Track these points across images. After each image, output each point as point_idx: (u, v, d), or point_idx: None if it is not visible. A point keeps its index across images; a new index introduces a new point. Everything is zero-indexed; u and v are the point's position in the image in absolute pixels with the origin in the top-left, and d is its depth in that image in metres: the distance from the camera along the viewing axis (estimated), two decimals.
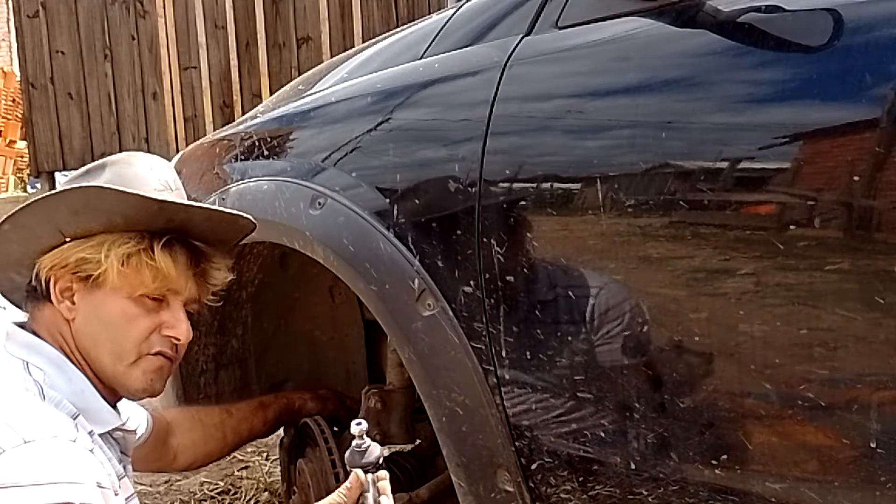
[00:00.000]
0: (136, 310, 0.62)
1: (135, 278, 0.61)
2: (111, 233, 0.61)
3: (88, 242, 0.60)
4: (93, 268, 0.60)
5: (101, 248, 0.60)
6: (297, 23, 3.18)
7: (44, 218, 0.60)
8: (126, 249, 0.60)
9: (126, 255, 0.60)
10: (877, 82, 0.42)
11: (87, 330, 0.62)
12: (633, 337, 0.51)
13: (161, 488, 1.29)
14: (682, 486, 0.49)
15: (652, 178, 0.49)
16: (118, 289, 0.61)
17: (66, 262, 0.60)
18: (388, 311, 0.63)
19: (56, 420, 0.56)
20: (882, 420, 0.42)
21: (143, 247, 0.61)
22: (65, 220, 0.60)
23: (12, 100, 5.37)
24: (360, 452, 0.64)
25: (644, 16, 0.53)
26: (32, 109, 3.64)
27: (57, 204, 0.59)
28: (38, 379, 0.58)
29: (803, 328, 0.44)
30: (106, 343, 0.62)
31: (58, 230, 0.60)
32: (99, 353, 0.62)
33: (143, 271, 0.61)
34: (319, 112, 0.75)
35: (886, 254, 0.41)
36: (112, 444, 0.64)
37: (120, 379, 0.63)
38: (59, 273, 0.61)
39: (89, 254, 0.60)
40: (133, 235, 0.61)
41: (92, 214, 0.60)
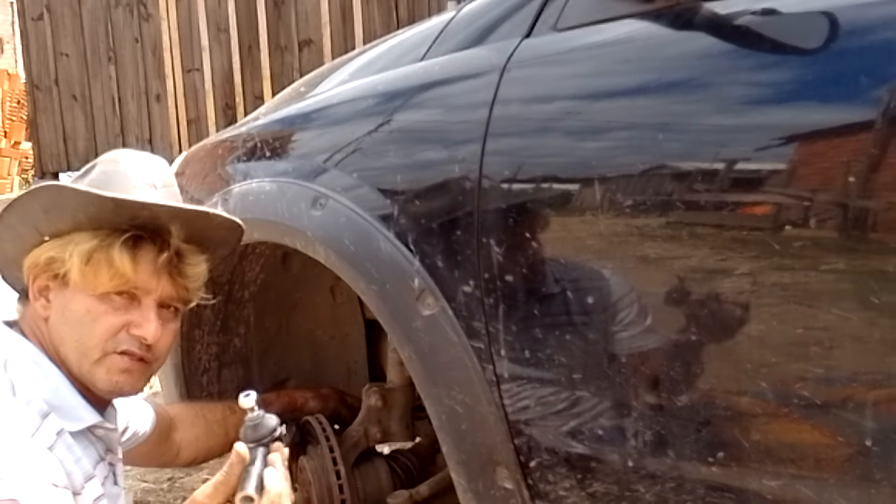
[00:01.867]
0: (101, 307, 0.61)
1: (94, 277, 0.60)
2: (81, 231, 0.61)
3: (59, 242, 0.61)
4: (59, 266, 0.61)
5: (67, 247, 0.61)
6: (298, 26, 3.19)
7: (23, 218, 0.61)
8: (87, 248, 0.60)
9: (87, 254, 0.60)
10: (873, 84, 0.42)
11: (57, 328, 0.62)
12: (631, 336, 0.51)
13: (164, 485, 1.30)
14: (679, 484, 0.49)
15: (650, 179, 0.49)
16: (82, 287, 0.61)
17: (38, 262, 0.62)
18: (388, 311, 0.63)
19: (17, 417, 0.55)
20: (877, 418, 0.42)
21: (104, 245, 0.60)
22: (39, 219, 0.61)
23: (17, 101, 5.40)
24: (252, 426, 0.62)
25: (642, 18, 0.53)
26: (37, 111, 3.67)
27: (31, 203, 0.61)
28: (13, 376, 0.58)
29: (799, 327, 0.44)
30: (71, 341, 0.61)
31: (36, 230, 0.61)
32: (67, 351, 0.62)
33: (101, 269, 0.60)
34: (321, 114, 0.76)
35: (882, 254, 0.42)
36: (93, 441, 0.63)
37: (87, 377, 0.62)
38: (36, 272, 0.62)
39: (56, 252, 0.61)
40: (99, 234, 0.61)
41: (59, 213, 0.60)
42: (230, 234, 0.69)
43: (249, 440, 0.62)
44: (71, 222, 0.61)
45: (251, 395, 0.63)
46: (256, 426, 0.62)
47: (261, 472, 0.61)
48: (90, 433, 0.63)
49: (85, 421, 0.62)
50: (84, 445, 0.61)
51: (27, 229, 0.62)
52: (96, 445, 0.64)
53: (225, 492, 0.60)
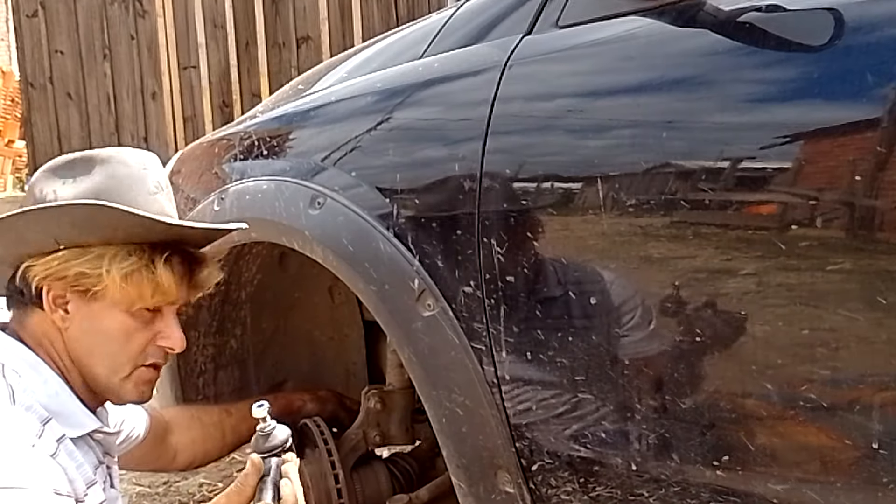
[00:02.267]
0: (134, 324, 0.62)
1: (135, 293, 0.60)
2: (108, 245, 0.60)
3: (86, 255, 0.59)
4: (92, 282, 0.59)
5: (100, 263, 0.59)
6: (296, 23, 3.18)
7: (39, 227, 0.59)
8: (128, 266, 0.60)
9: (128, 272, 0.60)
10: (878, 82, 0.41)
11: (83, 341, 0.61)
12: (635, 337, 0.50)
13: (160, 489, 1.29)
14: (683, 488, 0.49)
15: (653, 178, 0.49)
16: (117, 303, 0.60)
17: (64, 275, 0.59)
18: (387, 312, 0.63)
19: (18, 424, 0.55)
20: (884, 421, 0.41)
21: (144, 263, 0.60)
22: (62, 232, 0.59)
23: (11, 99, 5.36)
24: (264, 436, 0.62)
25: (644, 15, 0.53)
26: (31, 109, 3.64)
27: (58, 216, 0.58)
28: (12, 382, 0.57)
29: (805, 328, 0.44)
30: (103, 356, 0.61)
31: (53, 239, 0.59)
32: (93, 365, 0.62)
33: (143, 287, 0.60)
34: (319, 112, 0.75)
35: (888, 254, 0.41)
36: (91, 446, 0.63)
37: (113, 390, 0.63)
38: (54, 283, 0.60)
39: (88, 268, 0.59)
40: (133, 249, 0.60)
41: (92, 228, 0.59)
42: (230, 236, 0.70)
43: (262, 450, 0.62)
44: (105, 238, 0.60)
45: (264, 405, 0.63)
46: (269, 436, 0.63)
47: (277, 481, 0.61)
48: (89, 438, 0.62)
49: (86, 427, 0.62)
50: (84, 451, 0.61)
51: (39, 237, 0.59)
52: (95, 450, 0.63)
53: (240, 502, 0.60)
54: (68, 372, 0.62)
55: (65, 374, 0.61)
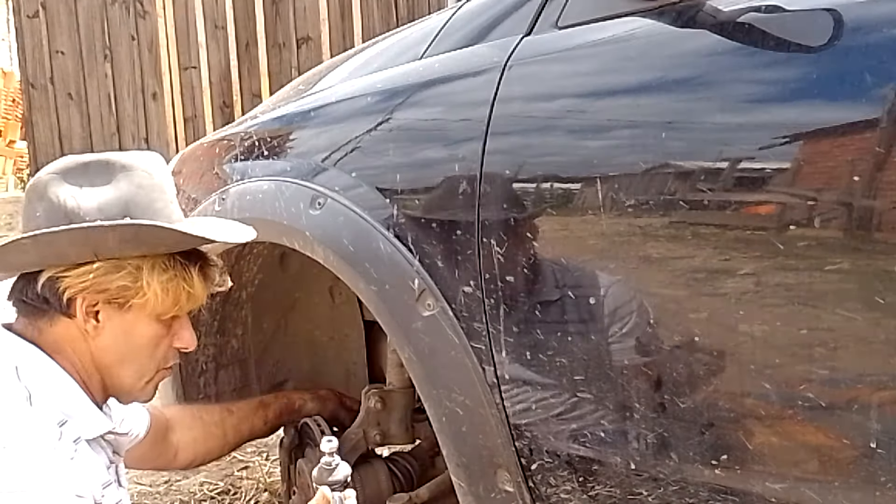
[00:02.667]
0: (162, 331, 0.64)
1: (171, 303, 0.62)
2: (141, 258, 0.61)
3: (124, 268, 0.60)
4: (132, 294, 0.61)
5: (139, 276, 0.60)
6: (297, 23, 3.18)
7: (80, 241, 0.59)
8: (168, 278, 0.61)
9: (167, 283, 0.61)
10: (877, 83, 0.42)
11: (113, 349, 0.62)
12: (634, 337, 0.50)
13: (161, 488, 1.29)
14: (682, 487, 0.49)
15: (652, 178, 0.49)
16: (151, 313, 0.62)
17: (105, 288, 0.60)
18: (388, 312, 0.63)
19: (38, 427, 0.56)
20: (882, 420, 0.41)
21: (182, 275, 0.62)
22: (106, 247, 0.59)
23: (12, 100, 5.36)
24: (329, 470, 0.65)
25: (644, 16, 0.53)
26: (32, 109, 3.64)
27: (103, 234, 0.59)
28: (28, 385, 0.58)
29: (803, 328, 0.44)
30: (133, 363, 0.63)
31: (93, 253, 0.60)
32: (122, 372, 0.63)
33: (180, 296, 0.62)
34: (319, 112, 0.75)
35: (886, 254, 0.41)
36: (103, 446, 0.64)
37: (135, 394, 0.65)
38: (90, 296, 0.60)
39: (129, 282, 0.60)
40: (167, 261, 0.62)
41: (137, 244, 0.60)
42: None
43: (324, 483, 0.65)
44: (145, 252, 0.61)
45: (333, 441, 0.66)
46: (334, 471, 0.65)
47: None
48: (100, 438, 0.63)
49: (100, 428, 0.62)
50: (97, 451, 0.62)
51: (79, 251, 0.59)
52: (106, 450, 0.64)
53: None
54: (88, 376, 0.63)
55: (82, 378, 0.62)
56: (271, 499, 1.24)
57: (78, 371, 0.62)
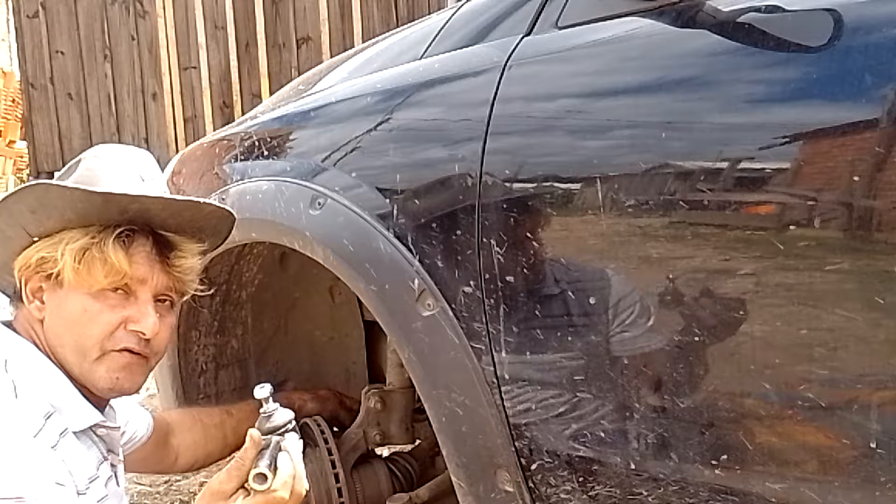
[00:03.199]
0: (96, 305, 0.60)
1: (88, 274, 0.60)
2: (71, 230, 0.60)
3: (50, 241, 0.60)
4: (51, 266, 0.60)
5: (58, 246, 0.60)
6: (296, 23, 3.18)
7: (9, 220, 0.60)
8: (79, 245, 0.59)
9: (80, 251, 0.59)
10: (877, 83, 0.42)
11: (54, 329, 0.61)
12: (633, 337, 0.50)
13: (161, 488, 1.29)
14: (682, 487, 0.49)
15: (652, 178, 0.49)
16: (77, 286, 0.60)
17: (30, 262, 0.61)
18: (388, 312, 0.63)
19: (20, 417, 0.55)
20: (882, 420, 0.41)
21: (95, 241, 0.60)
22: (26, 220, 0.60)
23: (12, 100, 5.36)
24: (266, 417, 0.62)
25: (644, 16, 0.53)
26: (32, 110, 3.64)
27: (15, 204, 0.60)
28: (15, 377, 0.58)
29: (803, 328, 0.44)
30: (70, 341, 0.61)
31: (24, 231, 0.60)
32: (65, 352, 0.61)
33: (95, 266, 0.59)
34: (319, 112, 0.75)
35: (886, 254, 0.41)
36: (95, 441, 0.63)
37: (87, 376, 0.62)
38: (28, 273, 0.61)
39: (47, 252, 0.60)
40: (90, 231, 0.60)
41: (46, 212, 0.60)
42: (221, 222, 0.68)
43: (264, 431, 0.62)
44: (60, 221, 0.60)
45: (266, 386, 0.63)
46: (271, 416, 0.62)
47: (275, 455, 0.60)
48: (92, 433, 0.62)
49: (88, 420, 0.61)
50: (87, 445, 0.61)
51: (15, 231, 0.61)
52: (98, 446, 0.63)
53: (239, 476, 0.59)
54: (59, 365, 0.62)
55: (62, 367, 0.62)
56: None
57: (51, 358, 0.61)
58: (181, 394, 0.93)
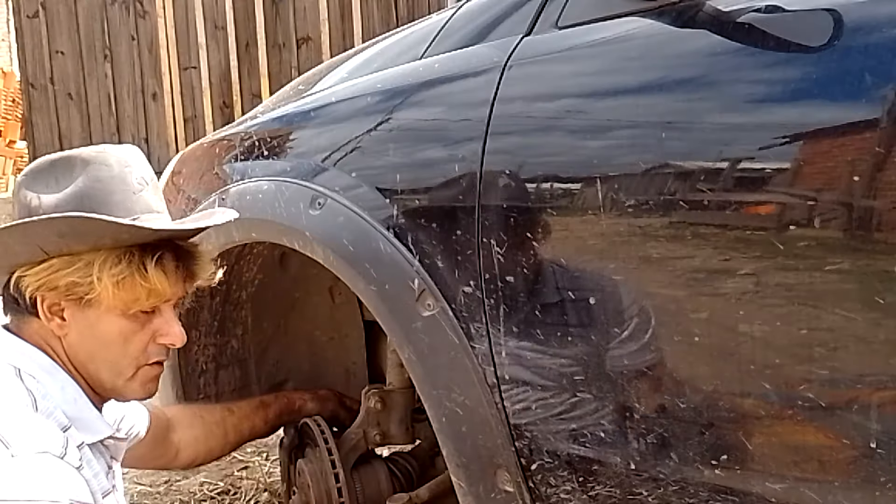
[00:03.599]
0: (131, 326, 0.61)
1: (129, 297, 0.60)
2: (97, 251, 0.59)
3: (75, 264, 0.59)
4: (84, 290, 0.59)
5: (90, 270, 0.58)
6: (296, 23, 3.18)
7: (23, 239, 0.58)
8: (119, 272, 0.59)
9: (120, 278, 0.59)
10: (877, 83, 0.42)
11: (83, 347, 0.61)
12: (634, 337, 0.50)
13: (161, 488, 1.29)
14: (682, 487, 0.49)
15: (652, 179, 0.49)
16: (112, 308, 0.60)
17: (55, 286, 0.59)
18: (388, 312, 0.63)
19: (46, 434, 0.55)
20: (882, 420, 0.41)
21: (135, 267, 0.60)
22: (48, 242, 0.58)
23: (12, 100, 5.36)
24: None
25: (644, 16, 0.53)
26: (32, 110, 3.64)
27: (42, 229, 0.58)
28: (31, 388, 0.57)
29: (803, 328, 0.44)
30: (105, 361, 0.61)
31: (40, 249, 0.59)
32: (97, 370, 0.62)
33: (137, 291, 0.60)
34: (319, 112, 0.75)
35: (886, 254, 0.41)
36: (102, 452, 0.63)
37: (119, 391, 0.64)
38: (48, 294, 0.60)
39: (79, 277, 0.59)
40: (122, 254, 0.60)
41: (78, 238, 0.58)
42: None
43: None
44: (90, 245, 0.59)
45: None
46: None
47: None
48: (99, 443, 0.63)
49: (101, 433, 0.62)
50: (97, 457, 0.61)
51: (27, 248, 0.59)
52: (104, 455, 0.64)
53: None
54: (75, 375, 0.62)
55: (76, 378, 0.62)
56: (271, 499, 1.24)
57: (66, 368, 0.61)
58: (181, 394, 0.93)
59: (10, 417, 0.55)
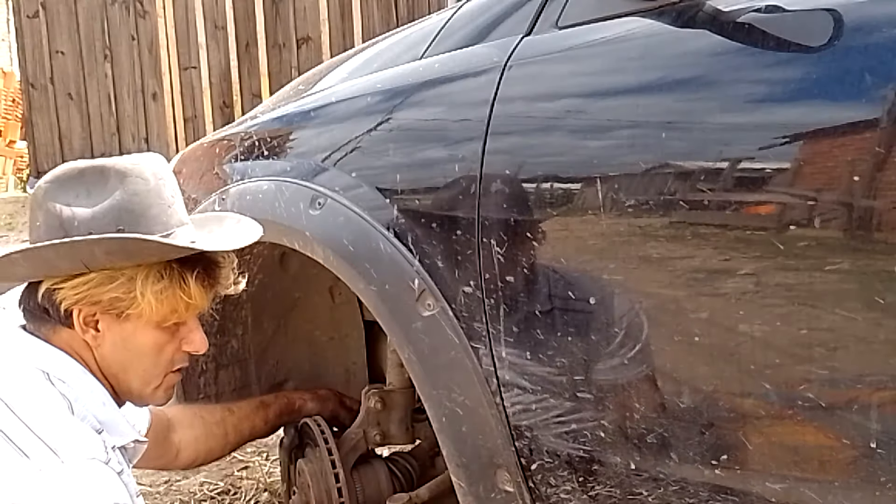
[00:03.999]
0: (164, 337, 0.63)
1: (168, 311, 0.62)
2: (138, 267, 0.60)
3: (117, 279, 0.59)
4: (126, 305, 0.60)
5: (133, 286, 0.60)
6: (296, 23, 3.18)
7: (68, 255, 0.58)
8: (162, 287, 0.61)
9: (161, 292, 0.60)
10: (877, 82, 0.41)
11: (117, 358, 0.62)
12: (633, 337, 0.50)
13: (161, 488, 1.29)
14: (682, 487, 0.49)
15: (652, 179, 0.49)
16: (150, 321, 0.62)
17: (97, 300, 0.60)
18: (388, 312, 0.63)
19: (89, 439, 0.56)
20: (882, 420, 0.41)
21: (177, 283, 0.61)
22: (93, 258, 0.59)
23: (12, 100, 5.36)
24: None
25: (644, 16, 0.53)
26: (32, 110, 3.65)
27: (89, 247, 0.58)
28: (64, 392, 0.58)
29: (803, 328, 0.44)
30: (137, 371, 0.63)
31: (83, 265, 0.59)
32: (128, 379, 0.63)
33: (178, 304, 0.62)
34: (319, 112, 0.75)
35: (886, 254, 0.41)
36: (124, 454, 0.64)
37: (145, 398, 0.65)
38: (87, 307, 0.60)
39: (122, 293, 0.60)
40: (162, 269, 0.61)
41: (126, 255, 0.60)
42: None
43: None
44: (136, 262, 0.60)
45: None
46: None
47: None
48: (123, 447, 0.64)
49: (128, 437, 0.63)
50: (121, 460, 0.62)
51: (70, 263, 0.59)
52: (125, 458, 0.64)
53: None
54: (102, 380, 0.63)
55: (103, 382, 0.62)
56: (271, 499, 1.24)
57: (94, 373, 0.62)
58: (181, 394, 0.93)
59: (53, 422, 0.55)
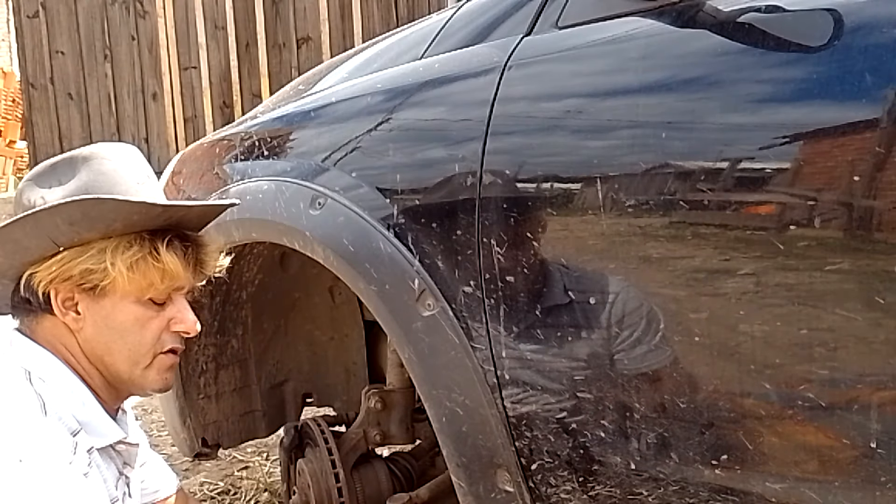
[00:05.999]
0: (147, 313, 0.62)
1: (143, 282, 0.60)
2: (106, 239, 0.59)
3: (87, 252, 0.59)
4: (99, 278, 0.59)
5: (104, 257, 0.59)
6: (297, 23, 3.18)
7: (36, 231, 0.58)
8: (132, 255, 0.59)
9: (133, 261, 0.59)
10: (877, 82, 0.42)
11: (100, 339, 0.61)
12: (634, 337, 0.50)
13: None
14: (682, 487, 0.49)
15: (652, 179, 0.49)
16: (127, 294, 0.60)
17: (69, 275, 0.59)
18: (388, 312, 0.63)
19: (54, 439, 0.55)
20: (882, 420, 0.41)
21: (147, 250, 0.60)
22: (59, 231, 0.58)
23: (12, 100, 5.36)
24: None
25: (644, 16, 0.53)
26: (32, 110, 3.65)
27: (51, 217, 0.58)
28: (41, 391, 0.57)
29: (803, 328, 0.44)
30: (122, 350, 0.62)
31: (51, 241, 0.59)
32: (115, 361, 0.62)
33: (151, 274, 0.60)
34: (319, 112, 0.75)
35: (886, 254, 0.41)
36: (112, 457, 0.63)
37: (137, 381, 0.63)
38: (61, 286, 0.60)
39: (93, 264, 0.59)
40: (133, 239, 0.60)
41: (89, 223, 0.58)
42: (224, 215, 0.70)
43: None
44: (103, 231, 0.59)
45: None
46: None
47: None
48: (111, 448, 0.62)
49: (110, 437, 0.62)
50: (106, 463, 0.61)
51: (37, 242, 0.59)
52: (115, 461, 0.63)
53: None
54: (89, 376, 0.62)
55: (86, 379, 0.61)
56: (271, 499, 1.24)
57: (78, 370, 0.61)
58: (181, 394, 0.93)
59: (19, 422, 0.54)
